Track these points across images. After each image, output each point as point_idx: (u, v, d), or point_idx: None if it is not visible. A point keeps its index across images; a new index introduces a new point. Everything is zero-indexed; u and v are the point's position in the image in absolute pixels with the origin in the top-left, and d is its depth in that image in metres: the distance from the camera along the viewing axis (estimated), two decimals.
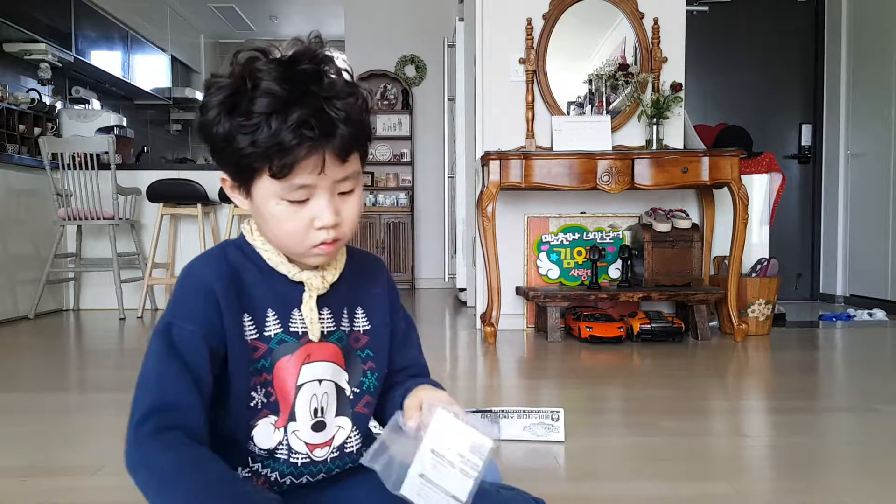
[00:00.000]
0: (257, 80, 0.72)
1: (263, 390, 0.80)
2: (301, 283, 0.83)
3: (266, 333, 0.81)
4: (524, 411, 1.68)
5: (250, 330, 0.80)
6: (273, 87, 0.72)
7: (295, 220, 0.77)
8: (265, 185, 0.76)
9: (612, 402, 2.15)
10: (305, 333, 0.82)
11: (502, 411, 1.69)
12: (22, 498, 1.34)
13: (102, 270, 4.33)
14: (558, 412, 1.66)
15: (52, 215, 4.16)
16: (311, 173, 0.74)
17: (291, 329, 0.82)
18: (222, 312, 0.78)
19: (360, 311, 0.89)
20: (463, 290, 4.81)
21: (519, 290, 3.50)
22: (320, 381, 0.83)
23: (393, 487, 0.75)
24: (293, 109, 0.71)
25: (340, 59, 0.79)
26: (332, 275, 0.85)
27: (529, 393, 2.26)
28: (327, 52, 0.77)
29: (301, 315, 0.82)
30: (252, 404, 0.80)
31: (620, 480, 1.43)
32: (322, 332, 0.83)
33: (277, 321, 0.81)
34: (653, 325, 3.10)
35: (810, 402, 2.11)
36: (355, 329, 0.88)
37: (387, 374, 0.90)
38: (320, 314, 0.84)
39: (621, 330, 3.06)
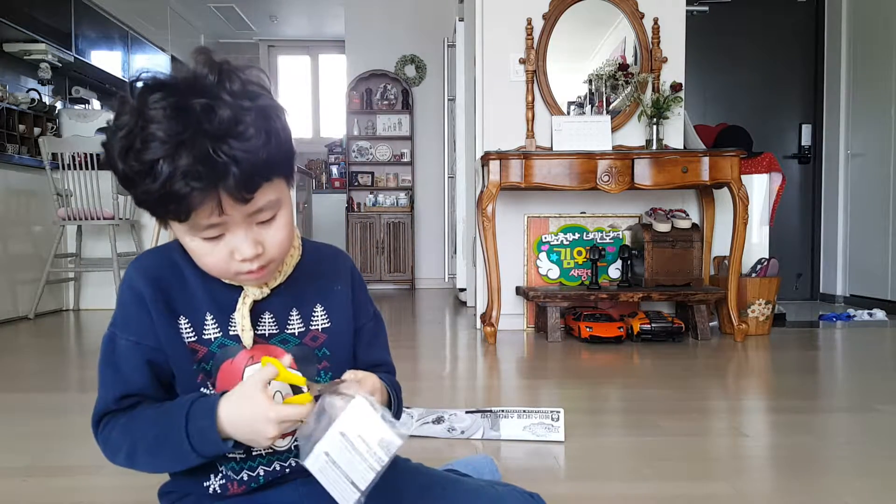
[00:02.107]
0: (147, 120, 0.67)
1: (212, 390, 0.81)
2: (241, 287, 0.81)
3: (206, 336, 0.80)
4: (524, 411, 1.68)
5: (188, 332, 0.80)
6: (159, 132, 0.67)
7: (214, 255, 0.75)
8: (174, 224, 0.74)
9: (612, 402, 2.15)
10: None
11: (502, 411, 1.69)
12: (22, 498, 1.34)
13: (102, 270, 4.33)
14: (558, 412, 1.66)
15: (52, 215, 4.16)
16: (211, 215, 0.71)
17: (231, 333, 0.81)
18: (151, 315, 0.79)
19: (318, 308, 0.86)
20: (463, 290, 4.81)
21: (519, 290, 3.50)
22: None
23: (301, 458, 0.75)
24: (180, 156, 0.66)
25: (242, 74, 0.72)
26: (275, 280, 0.83)
27: (529, 393, 2.26)
28: (225, 71, 0.71)
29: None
30: None
31: (620, 480, 1.43)
32: (264, 336, 0.82)
33: (216, 325, 0.81)
34: (653, 325, 3.10)
35: (810, 402, 2.11)
36: (312, 328, 0.86)
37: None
38: (261, 318, 0.82)
39: (621, 330, 3.06)
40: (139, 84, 0.70)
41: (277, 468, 0.83)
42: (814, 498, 1.32)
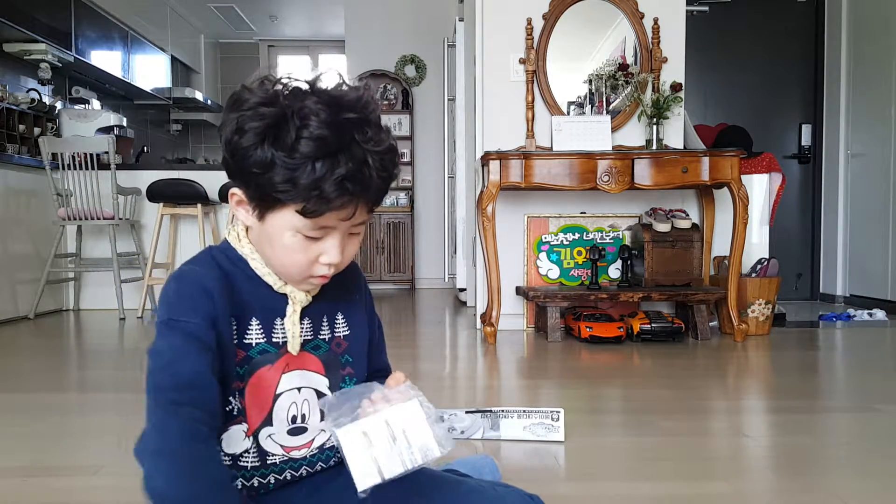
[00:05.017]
0: (306, 119, 0.71)
1: (240, 398, 0.81)
2: (284, 294, 0.83)
3: (247, 341, 0.81)
4: (524, 411, 1.68)
5: (234, 334, 0.80)
6: (324, 132, 0.71)
7: (305, 254, 0.78)
8: (286, 217, 0.75)
9: (612, 402, 2.15)
10: (286, 343, 0.83)
11: (502, 411, 1.69)
12: (22, 498, 1.34)
13: (102, 270, 4.33)
14: (558, 412, 1.66)
15: (52, 215, 4.16)
16: (338, 219, 0.75)
17: (273, 339, 0.82)
18: (217, 312, 0.77)
19: (339, 316, 0.89)
20: (463, 290, 4.81)
21: (519, 290, 3.50)
22: (299, 388, 0.83)
23: (329, 424, 0.78)
24: (340, 160, 0.71)
25: (378, 106, 0.79)
26: (316, 288, 0.85)
27: (529, 393, 2.26)
28: (371, 100, 0.77)
29: (283, 325, 0.83)
30: (228, 409, 0.80)
31: (620, 480, 1.43)
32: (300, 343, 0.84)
33: (261, 330, 0.82)
34: (653, 325, 3.10)
35: (810, 402, 2.11)
36: (336, 335, 0.88)
37: (366, 378, 0.91)
38: (301, 324, 0.84)
39: (621, 330, 3.06)
40: (292, 84, 0.74)
41: (288, 477, 0.84)
42: (814, 498, 1.32)
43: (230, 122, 0.74)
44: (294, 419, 0.83)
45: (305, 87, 0.74)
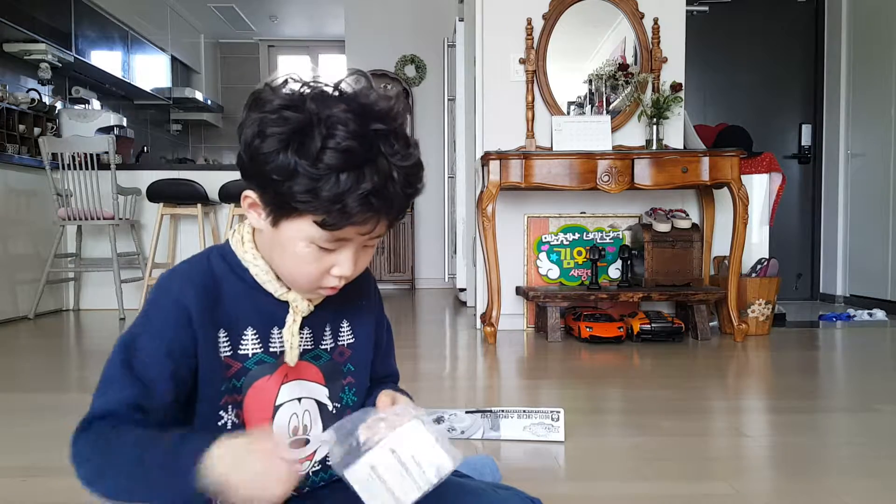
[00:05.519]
0: (333, 129, 0.67)
1: (234, 410, 0.78)
2: (285, 302, 0.80)
3: (242, 352, 0.78)
4: (524, 411, 1.68)
5: (224, 346, 0.77)
6: (351, 144, 0.67)
7: (317, 265, 0.75)
8: (302, 227, 0.72)
9: (612, 402, 2.15)
10: (283, 352, 0.80)
11: (502, 411, 1.69)
12: (22, 498, 1.34)
13: (102, 270, 4.33)
14: (558, 412, 1.66)
15: (52, 215, 4.16)
16: (356, 233, 0.73)
17: (271, 349, 0.80)
18: (195, 329, 0.75)
19: (344, 324, 0.87)
20: (463, 290, 4.81)
21: (519, 290, 3.50)
22: (300, 399, 0.81)
23: (337, 466, 0.75)
24: (365, 174, 0.68)
25: (404, 111, 0.75)
26: (321, 297, 0.83)
27: (529, 393, 2.26)
28: (402, 111, 0.73)
29: (280, 335, 0.80)
30: (220, 423, 0.78)
31: (620, 480, 1.43)
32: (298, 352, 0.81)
33: (257, 340, 0.79)
34: (653, 325, 3.10)
35: (810, 402, 2.11)
36: (339, 343, 0.86)
37: (367, 387, 0.89)
38: (300, 333, 0.81)
39: (621, 330, 3.06)
40: (316, 89, 0.71)
41: (291, 497, 0.83)
42: (814, 498, 1.32)
43: (251, 123, 0.70)
44: (295, 431, 0.81)
45: (332, 90, 0.71)
